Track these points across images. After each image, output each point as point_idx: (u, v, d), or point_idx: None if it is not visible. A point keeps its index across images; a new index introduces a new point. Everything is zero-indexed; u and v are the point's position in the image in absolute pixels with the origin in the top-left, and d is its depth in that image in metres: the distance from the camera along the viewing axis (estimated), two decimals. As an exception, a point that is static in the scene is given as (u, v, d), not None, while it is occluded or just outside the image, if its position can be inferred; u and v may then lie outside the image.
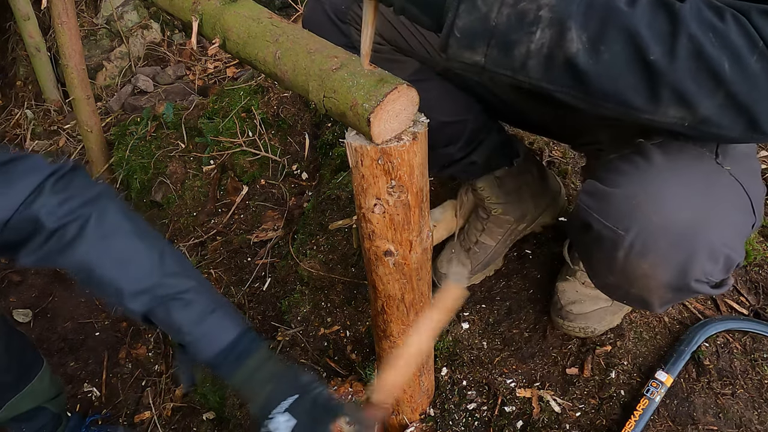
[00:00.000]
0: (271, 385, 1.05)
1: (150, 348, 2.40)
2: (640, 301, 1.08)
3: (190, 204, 2.51)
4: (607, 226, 0.95)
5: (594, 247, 1.02)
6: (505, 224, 1.60)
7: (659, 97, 0.76)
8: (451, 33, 0.76)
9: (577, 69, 0.75)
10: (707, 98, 0.75)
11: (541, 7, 0.74)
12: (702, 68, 0.73)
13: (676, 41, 0.73)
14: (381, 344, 1.25)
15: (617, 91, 0.76)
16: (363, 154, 0.89)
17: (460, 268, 1.56)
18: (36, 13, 3.10)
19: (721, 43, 0.73)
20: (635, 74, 0.75)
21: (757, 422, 1.28)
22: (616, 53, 0.74)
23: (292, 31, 0.97)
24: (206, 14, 1.09)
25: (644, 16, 0.73)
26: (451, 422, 1.41)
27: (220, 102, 2.66)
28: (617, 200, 0.94)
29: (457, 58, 0.79)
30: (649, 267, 0.95)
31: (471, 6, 0.75)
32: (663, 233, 0.92)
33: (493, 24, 0.75)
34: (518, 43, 0.75)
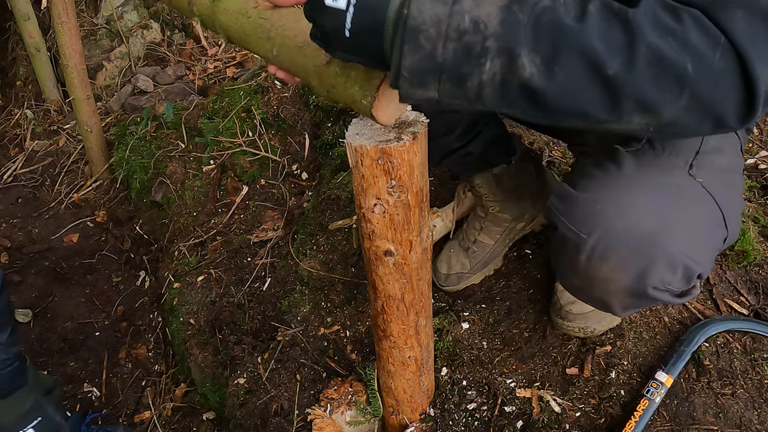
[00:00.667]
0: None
1: (150, 348, 2.40)
2: (602, 304, 1.10)
3: (190, 204, 2.51)
4: (570, 228, 0.98)
5: (559, 249, 1.05)
6: (503, 223, 1.60)
7: (621, 109, 0.74)
8: (400, 74, 0.75)
9: (534, 92, 0.73)
10: (671, 103, 0.73)
11: (487, 37, 0.71)
12: (664, 74, 0.72)
13: (633, 51, 0.71)
14: (381, 344, 1.25)
15: (578, 108, 0.75)
16: (363, 154, 0.89)
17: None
18: (36, 13, 3.10)
19: (681, 46, 0.71)
20: (595, 91, 0.73)
21: (757, 422, 1.28)
22: (572, 73, 0.71)
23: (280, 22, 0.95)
24: (203, 14, 1.09)
25: (596, 29, 0.70)
26: (451, 422, 1.41)
27: (220, 102, 2.66)
28: (582, 204, 0.96)
29: (411, 97, 0.78)
30: (609, 271, 0.97)
31: (414, 46, 0.72)
32: (623, 239, 0.93)
33: (440, 60, 0.73)
34: (470, 76, 0.73)
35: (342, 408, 1.53)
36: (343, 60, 0.82)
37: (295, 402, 1.64)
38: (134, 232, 2.75)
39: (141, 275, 2.64)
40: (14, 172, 3.15)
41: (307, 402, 1.63)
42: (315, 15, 0.76)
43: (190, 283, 2.22)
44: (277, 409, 1.67)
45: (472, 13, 0.72)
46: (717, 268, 1.56)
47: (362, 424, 1.51)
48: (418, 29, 0.72)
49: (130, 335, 2.45)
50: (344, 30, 0.74)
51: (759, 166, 1.86)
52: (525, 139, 1.94)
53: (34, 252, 2.76)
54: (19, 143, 3.30)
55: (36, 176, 3.12)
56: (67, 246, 2.80)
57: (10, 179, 3.12)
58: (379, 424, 1.52)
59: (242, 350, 1.91)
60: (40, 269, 2.69)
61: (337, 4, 0.74)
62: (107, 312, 2.54)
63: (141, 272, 2.65)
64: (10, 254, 2.75)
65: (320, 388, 1.64)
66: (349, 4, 0.73)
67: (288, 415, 1.63)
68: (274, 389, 1.70)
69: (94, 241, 2.82)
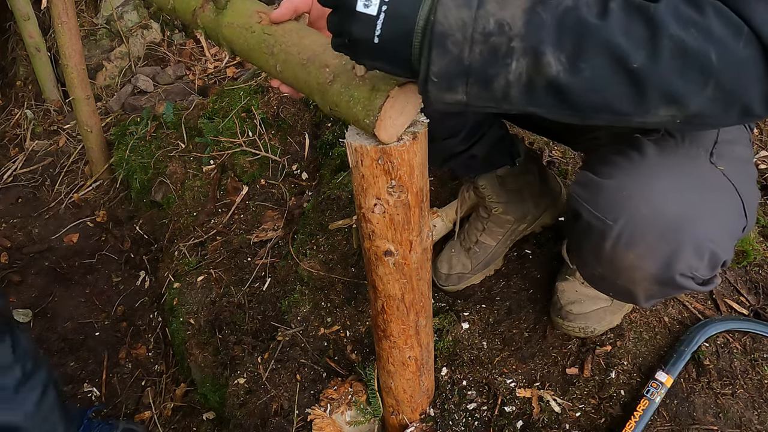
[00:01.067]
0: None
1: (150, 348, 2.40)
2: (626, 293, 1.08)
3: (190, 204, 2.51)
4: (596, 215, 0.96)
5: (583, 237, 1.03)
6: (506, 224, 1.60)
7: (648, 102, 0.75)
8: (428, 79, 0.76)
9: (560, 89, 0.75)
10: (697, 94, 0.75)
11: (512, 38, 0.73)
12: (688, 65, 0.73)
13: (657, 44, 0.72)
14: (381, 344, 1.25)
15: (605, 103, 0.76)
16: (363, 154, 0.89)
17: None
18: (36, 13, 3.10)
19: (704, 37, 0.72)
20: (620, 84, 0.74)
21: (757, 422, 1.28)
22: (597, 67, 0.73)
23: (284, 38, 0.96)
24: (207, 27, 1.09)
25: (619, 25, 0.72)
26: (451, 422, 1.41)
27: (220, 102, 2.66)
28: (608, 191, 0.94)
29: (439, 101, 0.79)
30: (636, 258, 0.96)
31: (442, 51, 0.74)
32: (651, 225, 0.92)
33: (467, 63, 0.74)
34: (496, 77, 0.75)
35: (342, 408, 1.53)
36: (368, 67, 0.82)
37: (295, 402, 1.64)
38: (134, 232, 2.75)
39: (141, 275, 2.64)
40: (14, 172, 3.15)
41: (307, 402, 1.63)
42: (344, 21, 0.77)
43: (190, 283, 2.22)
44: (277, 409, 1.67)
45: (497, 16, 0.73)
46: (717, 268, 1.56)
47: (362, 424, 1.51)
48: (445, 34, 0.73)
49: (130, 335, 2.45)
50: (374, 36, 0.75)
51: (759, 166, 1.86)
52: (525, 140, 1.94)
53: (34, 252, 2.76)
54: (19, 143, 3.30)
55: (36, 176, 3.12)
56: (67, 246, 2.80)
57: (10, 179, 3.12)
58: (379, 424, 1.52)
59: (242, 350, 1.91)
60: (40, 269, 2.69)
61: (369, 11, 0.75)
62: (107, 312, 2.54)
63: (141, 272, 2.65)
64: (10, 254, 2.75)
65: (320, 388, 1.64)
66: (380, 11, 0.74)
67: (288, 415, 1.63)
68: (274, 389, 1.70)
69: (94, 241, 2.82)
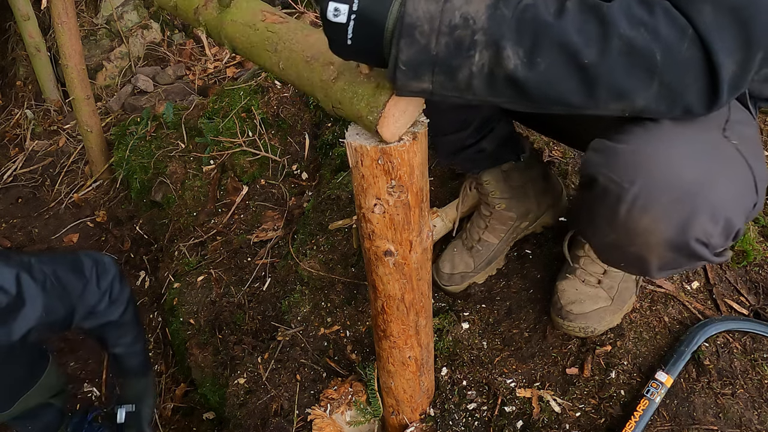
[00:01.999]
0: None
1: (150, 348, 2.40)
2: (639, 261, 1.06)
3: (190, 204, 2.51)
4: (612, 179, 0.96)
5: (597, 203, 1.02)
6: (508, 221, 1.60)
7: (597, 96, 0.81)
8: (397, 67, 0.81)
9: (518, 82, 0.80)
10: (643, 91, 0.80)
11: (476, 32, 0.78)
12: (635, 64, 0.78)
13: (607, 42, 0.77)
14: (381, 344, 1.25)
15: (559, 96, 0.81)
16: (363, 154, 0.89)
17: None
18: (36, 13, 3.10)
19: (651, 37, 0.77)
20: (573, 79, 0.79)
21: (757, 422, 1.28)
22: (551, 63, 0.78)
23: (288, 36, 0.97)
24: (209, 25, 1.09)
25: (573, 24, 0.77)
26: (451, 422, 1.41)
27: (220, 102, 2.66)
28: (624, 154, 0.95)
29: (407, 88, 0.83)
30: (651, 221, 0.96)
31: (410, 41, 0.79)
32: (667, 188, 0.92)
33: (434, 53, 0.80)
34: (461, 68, 0.80)
35: (342, 408, 1.53)
36: (345, 59, 0.87)
37: (295, 402, 1.64)
38: (134, 232, 2.75)
39: (141, 275, 2.64)
40: (14, 172, 3.15)
41: (307, 402, 1.63)
42: (322, 23, 0.82)
43: (190, 283, 2.22)
44: (277, 409, 1.67)
45: (462, 10, 0.79)
46: (717, 267, 1.56)
47: (362, 424, 1.51)
48: (413, 25, 0.79)
49: (130, 335, 2.45)
50: (346, 40, 0.81)
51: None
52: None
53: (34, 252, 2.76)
54: (19, 143, 3.30)
55: (36, 176, 3.12)
56: (67, 246, 2.80)
57: (10, 179, 3.12)
58: (379, 424, 1.52)
59: (242, 350, 1.91)
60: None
61: (339, 20, 0.80)
62: (107, 312, 2.54)
63: (141, 272, 2.65)
64: (10, 254, 2.75)
65: (320, 388, 1.64)
66: (349, 20, 0.79)
67: (288, 415, 1.63)
68: (274, 389, 1.70)
69: (94, 241, 2.82)
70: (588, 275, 1.44)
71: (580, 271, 1.45)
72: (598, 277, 1.44)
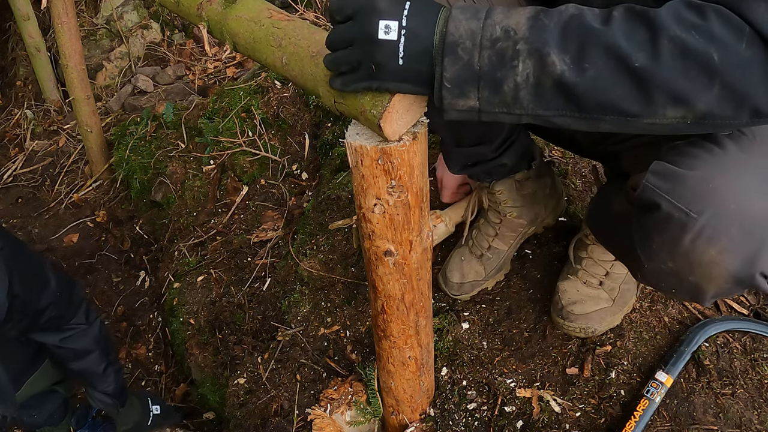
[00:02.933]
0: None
1: (150, 348, 2.40)
2: (694, 290, 1.03)
3: (190, 204, 2.51)
4: (678, 207, 0.92)
5: (657, 230, 0.98)
6: (519, 228, 1.59)
7: (654, 101, 0.78)
8: (443, 86, 0.81)
9: (567, 88, 0.78)
10: (703, 93, 0.76)
11: (517, 42, 0.79)
12: (690, 65, 0.75)
13: (657, 45, 0.75)
14: (381, 344, 1.25)
15: (611, 103, 0.79)
16: (363, 154, 0.89)
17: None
18: (36, 13, 3.10)
19: (705, 38, 0.74)
20: (624, 83, 0.77)
21: (757, 422, 1.28)
22: (600, 67, 0.77)
23: (294, 32, 0.97)
24: (212, 20, 1.09)
25: (620, 29, 0.76)
26: (451, 422, 1.41)
27: (220, 102, 2.66)
28: (693, 182, 0.91)
29: (454, 107, 0.83)
30: (717, 254, 0.92)
31: (454, 58, 0.80)
32: (737, 220, 0.89)
33: (478, 68, 0.80)
34: (505, 79, 0.80)
35: (342, 408, 1.53)
36: (393, 91, 0.85)
37: (295, 402, 1.64)
38: (134, 232, 2.75)
39: (141, 275, 2.64)
40: (14, 172, 3.14)
41: (307, 402, 1.63)
42: (366, 52, 0.82)
43: (190, 283, 2.22)
44: (277, 409, 1.67)
45: (503, 24, 0.80)
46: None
47: (362, 424, 1.51)
48: (456, 43, 0.80)
49: (130, 335, 2.45)
50: (398, 59, 0.81)
51: None
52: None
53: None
54: (19, 143, 3.30)
55: (36, 176, 3.12)
56: (67, 246, 2.80)
57: (10, 179, 3.12)
58: (379, 424, 1.52)
59: (242, 350, 1.91)
60: (40, 269, 2.69)
61: (390, 37, 0.81)
62: (107, 312, 2.54)
63: (141, 272, 2.65)
64: (10, 254, 2.75)
65: (320, 388, 1.64)
66: (400, 36, 0.81)
67: (288, 415, 1.63)
68: (274, 389, 1.70)
69: (94, 241, 2.82)
70: (590, 276, 1.44)
71: (581, 272, 1.45)
72: (599, 279, 1.44)
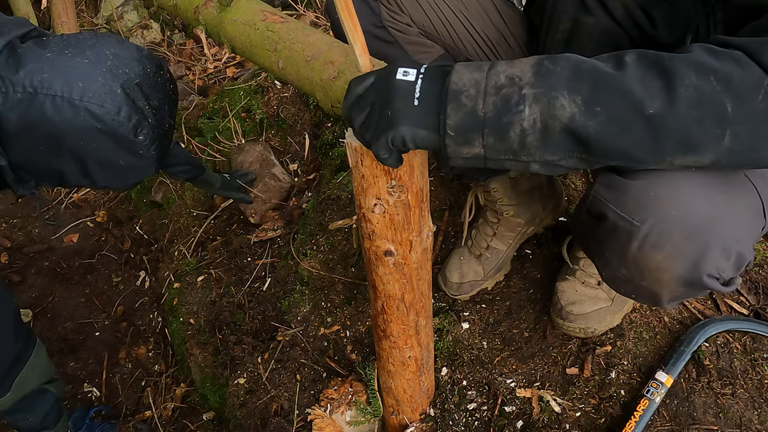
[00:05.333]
0: None
1: (150, 348, 2.40)
2: (650, 295, 1.06)
3: (190, 204, 2.51)
4: (622, 216, 0.95)
5: (607, 239, 1.01)
6: (517, 227, 1.59)
7: (664, 149, 0.77)
8: (446, 134, 0.80)
9: (577, 131, 0.77)
10: (714, 144, 0.75)
11: (522, 87, 0.77)
12: (705, 114, 0.74)
13: (673, 93, 0.74)
14: (381, 344, 1.25)
15: (621, 148, 0.78)
16: (363, 154, 0.89)
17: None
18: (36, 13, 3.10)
19: (722, 86, 0.73)
20: (637, 129, 0.75)
21: (757, 422, 1.28)
22: (613, 111, 0.75)
23: (288, 35, 0.97)
24: (208, 24, 1.10)
25: (634, 75, 0.75)
26: (451, 422, 1.41)
27: (220, 102, 2.66)
28: (634, 191, 0.93)
29: (458, 155, 0.82)
30: (663, 259, 0.95)
31: (457, 105, 0.79)
32: (679, 226, 0.91)
33: (482, 114, 0.78)
34: (511, 125, 0.78)
35: (342, 408, 1.53)
36: (407, 138, 0.82)
37: (295, 402, 1.64)
38: (134, 232, 2.75)
39: (141, 275, 2.64)
40: (14, 172, 3.14)
41: (307, 402, 1.63)
42: (381, 93, 0.82)
43: (190, 283, 2.22)
44: (277, 409, 1.67)
45: (507, 72, 0.79)
46: (717, 268, 1.56)
47: (362, 424, 1.51)
48: (459, 91, 0.79)
49: (130, 335, 2.45)
50: (413, 99, 0.81)
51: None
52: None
53: (34, 252, 2.76)
54: (19, 143, 3.29)
55: (36, 176, 3.12)
56: (67, 246, 2.80)
57: (10, 179, 3.12)
58: (379, 424, 1.52)
59: (242, 350, 1.91)
60: (40, 269, 2.69)
61: (408, 78, 0.82)
62: (107, 312, 2.55)
63: (141, 272, 2.65)
64: (10, 254, 2.75)
65: (320, 388, 1.64)
66: (418, 77, 0.81)
67: (288, 415, 1.63)
68: (274, 389, 1.70)
69: (94, 241, 2.82)
70: (588, 276, 1.44)
71: (579, 273, 1.45)
72: (597, 278, 1.44)
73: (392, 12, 1.25)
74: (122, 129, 1.24)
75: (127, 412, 2.22)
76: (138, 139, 1.28)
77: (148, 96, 1.30)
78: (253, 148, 2.35)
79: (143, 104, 1.28)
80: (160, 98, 1.33)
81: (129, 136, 1.26)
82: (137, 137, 1.27)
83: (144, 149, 1.30)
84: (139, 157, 1.32)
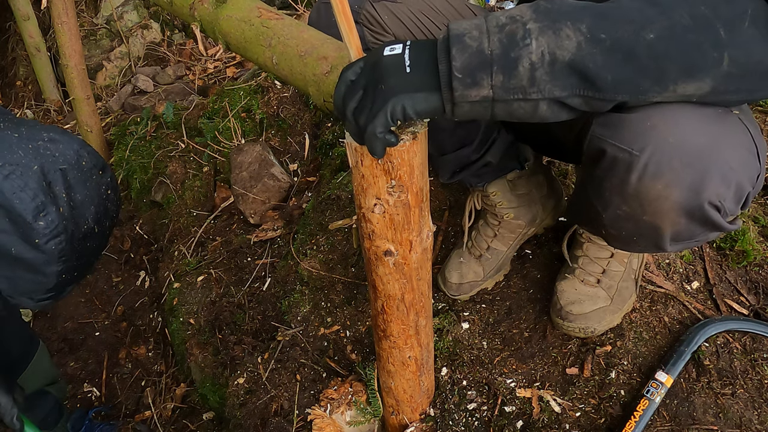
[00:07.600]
0: None
1: (150, 348, 2.40)
2: (652, 231, 1.06)
3: (190, 204, 2.51)
4: (621, 148, 0.95)
5: (606, 176, 1.01)
6: (517, 229, 1.59)
7: (667, 75, 0.80)
8: (452, 75, 0.79)
9: (584, 63, 0.78)
10: (713, 67, 0.80)
11: (526, 22, 0.79)
12: (701, 38, 0.78)
13: (670, 18, 0.78)
14: (381, 344, 1.25)
15: (626, 76, 0.80)
16: (363, 154, 0.89)
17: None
18: (36, 13, 3.10)
19: (713, 14, 0.78)
20: (640, 54, 0.79)
21: (757, 422, 1.28)
22: (617, 36, 0.78)
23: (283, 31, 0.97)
24: (204, 20, 1.10)
25: (631, 5, 0.79)
26: (451, 422, 1.42)
27: (220, 102, 2.66)
28: (632, 123, 0.94)
29: (466, 99, 0.81)
30: (663, 188, 0.95)
31: (461, 46, 0.79)
32: (678, 153, 0.92)
33: (489, 52, 0.78)
34: (519, 59, 0.78)
35: (342, 408, 1.53)
36: (407, 105, 0.82)
37: (295, 402, 1.64)
38: (134, 232, 2.75)
39: (141, 275, 2.64)
40: (14, 172, 3.14)
41: (307, 402, 1.63)
42: (371, 71, 0.83)
43: (190, 283, 2.22)
44: (277, 409, 1.67)
45: (506, 14, 0.81)
46: (717, 267, 1.56)
47: (362, 424, 1.51)
48: (462, 34, 0.80)
49: (130, 335, 2.45)
50: (404, 67, 0.81)
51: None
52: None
53: None
54: (19, 143, 3.29)
55: (36, 176, 3.11)
56: (67, 246, 2.80)
57: (10, 179, 3.12)
58: (379, 424, 1.52)
59: (242, 350, 1.91)
60: (40, 269, 2.69)
61: (395, 52, 0.83)
62: (107, 312, 2.54)
63: (141, 272, 2.65)
64: (10, 254, 2.75)
65: (320, 388, 1.64)
66: (404, 50, 0.83)
67: (288, 415, 1.63)
68: (274, 389, 1.70)
69: (94, 241, 2.82)
70: (587, 275, 1.44)
71: (579, 271, 1.45)
72: (597, 277, 1.44)
73: (375, 33, 1.25)
74: (20, 206, 1.07)
75: (127, 412, 2.22)
76: (37, 225, 1.09)
77: (71, 186, 1.15)
78: (252, 149, 2.35)
79: (60, 191, 1.13)
80: (87, 196, 1.18)
81: (26, 216, 1.08)
82: (36, 221, 1.09)
83: (41, 239, 1.10)
84: (35, 250, 1.11)
